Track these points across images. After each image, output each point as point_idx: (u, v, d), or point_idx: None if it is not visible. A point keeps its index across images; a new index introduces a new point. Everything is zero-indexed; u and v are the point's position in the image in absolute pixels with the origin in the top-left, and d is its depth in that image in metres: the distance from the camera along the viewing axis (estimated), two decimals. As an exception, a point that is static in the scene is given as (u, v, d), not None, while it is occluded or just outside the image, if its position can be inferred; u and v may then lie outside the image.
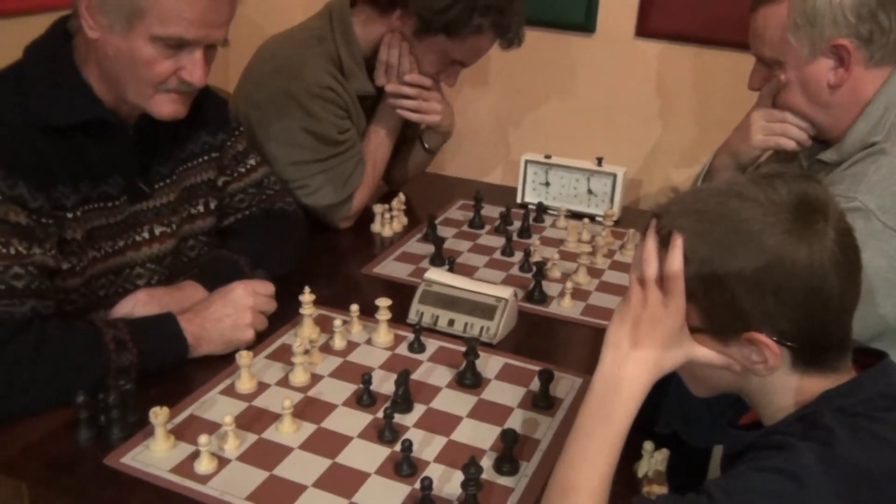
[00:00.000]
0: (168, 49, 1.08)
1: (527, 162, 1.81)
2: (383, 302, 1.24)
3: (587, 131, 2.03)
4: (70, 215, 1.12)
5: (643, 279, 0.84)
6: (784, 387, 0.83)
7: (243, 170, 1.38)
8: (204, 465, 0.97)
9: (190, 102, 1.17)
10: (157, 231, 1.24)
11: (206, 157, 1.32)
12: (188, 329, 1.13)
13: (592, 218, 1.73)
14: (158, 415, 0.99)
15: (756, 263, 0.77)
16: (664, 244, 0.83)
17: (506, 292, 1.29)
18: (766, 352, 0.80)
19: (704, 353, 0.83)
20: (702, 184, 1.44)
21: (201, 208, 1.33)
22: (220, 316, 1.15)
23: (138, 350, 1.07)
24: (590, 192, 1.77)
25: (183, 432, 1.03)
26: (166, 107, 1.13)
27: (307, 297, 1.26)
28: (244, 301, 1.17)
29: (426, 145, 1.79)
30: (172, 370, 1.14)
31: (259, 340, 1.23)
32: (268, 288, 1.22)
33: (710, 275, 0.80)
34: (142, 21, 1.05)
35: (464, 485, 0.90)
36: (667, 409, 1.02)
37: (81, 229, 1.14)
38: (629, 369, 0.83)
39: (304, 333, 1.24)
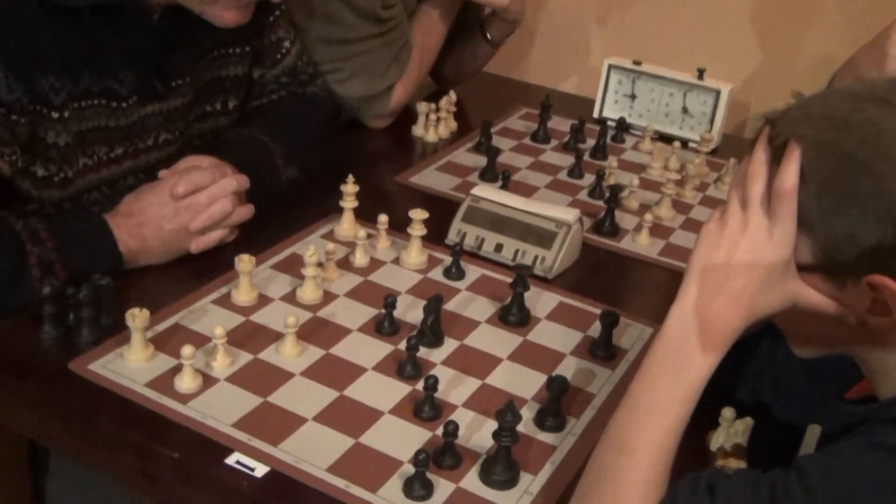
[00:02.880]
0: None
1: (610, 67, 1.76)
2: (418, 214, 1.23)
3: (689, 36, 1.96)
4: (56, 115, 1.11)
5: (746, 198, 0.80)
6: (911, 350, 0.79)
7: (278, 56, 1.39)
8: (186, 382, 0.97)
9: (252, 11, 1.18)
10: (161, 138, 1.25)
11: (237, 50, 1.32)
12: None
13: (685, 143, 1.70)
14: (137, 318, 0.99)
15: (893, 187, 0.72)
16: (777, 157, 0.79)
17: (569, 216, 1.27)
18: (891, 302, 0.75)
19: (813, 297, 0.79)
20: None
21: (218, 106, 1.33)
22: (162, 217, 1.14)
23: (67, 272, 1.06)
24: (685, 110, 1.73)
25: (164, 342, 1.03)
26: (228, 14, 1.15)
27: (350, 187, 1.25)
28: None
29: (488, 35, 1.74)
30: (157, 270, 1.15)
31: (265, 246, 1.23)
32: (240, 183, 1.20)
33: (832, 198, 0.75)
34: None
35: (496, 435, 0.89)
36: (754, 370, 0.99)
37: (69, 132, 1.13)
38: (717, 308, 0.80)
39: (343, 230, 1.27)
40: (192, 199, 1.15)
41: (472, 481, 0.90)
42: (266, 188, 1.27)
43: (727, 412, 0.96)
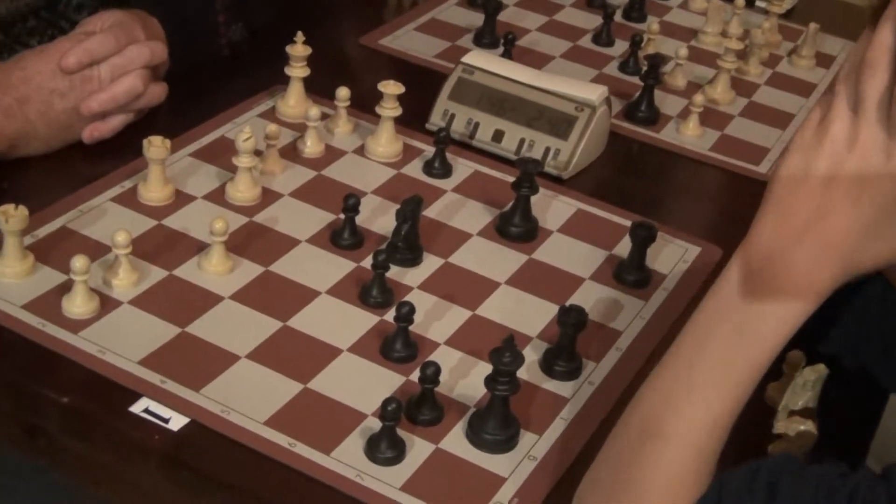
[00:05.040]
0: None
1: None
2: (391, 88, 1.22)
3: None
4: None
5: (859, 98, 0.76)
6: None
7: None
8: (78, 305, 0.97)
9: None
10: None
11: None
12: None
13: (751, 1, 1.70)
14: (11, 218, 0.98)
15: None
16: None
17: (593, 94, 1.27)
18: None
19: None
20: None
21: None
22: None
23: None
24: (752, -43, 1.73)
25: (48, 252, 1.04)
26: None
27: (299, 48, 1.24)
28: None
29: None
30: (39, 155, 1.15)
31: (184, 127, 1.23)
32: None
33: None
34: None
35: (490, 381, 0.90)
36: (856, 326, 0.98)
37: None
38: (800, 257, 0.76)
39: (290, 108, 1.27)
40: (91, 72, 1.14)
41: (456, 441, 0.91)
42: (198, 55, 1.26)
43: (793, 356, 0.97)
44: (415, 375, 0.94)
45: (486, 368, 0.91)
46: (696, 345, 0.80)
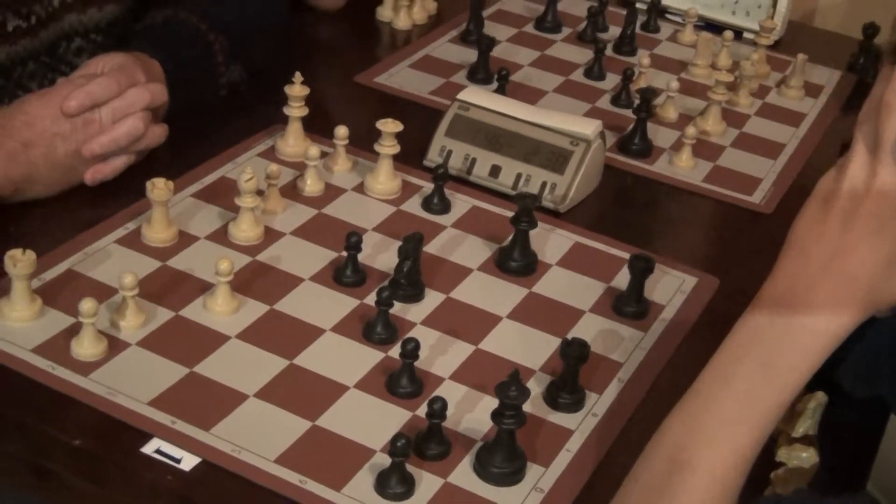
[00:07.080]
0: None
1: (641, -70, 1.76)
2: (389, 127, 1.23)
3: None
4: None
5: (878, 137, 0.76)
6: None
7: None
8: (86, 348, 0.98)
9: None
10: (11, 25, 1.22)
11: None
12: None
13: (739, 33, 1.71)
14: (19, 262, 0.99)
15: None
16: None
17: (588, 129, 1.28)
18: None
19: None
20: None
21: None
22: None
23: None
24: (739, -11, 1.74)
25: (55, 295, 1.04)
26: None
27: (297, 88, 1.25)
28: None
29: None
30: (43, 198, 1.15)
31: (186, 167, 1.24)
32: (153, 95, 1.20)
33: None
34: None
35: (496, 415, 0.90)
36: (870, 358, 0.98)
37: None
38: (819, 294, 0.77)
39: (289, 147, 1.28)
40: (92, 115, 1.15)
41: (464, 475, 0.92)
42: (197, 96, 1.28)
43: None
44: (421, 410, 0.94)
45: (492, 402, 0.92)
46: (720, 380, 0.80)
